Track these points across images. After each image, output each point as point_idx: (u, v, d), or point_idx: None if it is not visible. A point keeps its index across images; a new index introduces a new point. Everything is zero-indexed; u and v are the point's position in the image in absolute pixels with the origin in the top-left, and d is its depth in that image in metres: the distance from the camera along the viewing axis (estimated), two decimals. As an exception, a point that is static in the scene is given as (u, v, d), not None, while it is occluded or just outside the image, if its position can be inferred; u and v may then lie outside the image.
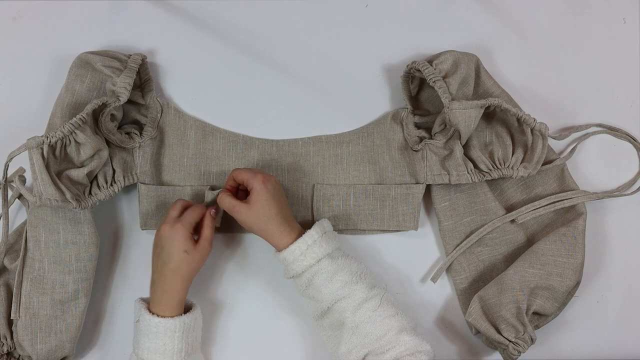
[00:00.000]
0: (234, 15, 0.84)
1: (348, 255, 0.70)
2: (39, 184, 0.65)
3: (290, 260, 0.68)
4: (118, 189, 0.73)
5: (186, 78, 0.82)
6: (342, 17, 0.85)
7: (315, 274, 0.68)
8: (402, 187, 0.77)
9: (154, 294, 0.68)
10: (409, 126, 0.79)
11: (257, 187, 0.68)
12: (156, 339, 0.66)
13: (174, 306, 0.67)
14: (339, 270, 0.68)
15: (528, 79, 0.84)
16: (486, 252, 0.78)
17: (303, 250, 0.68)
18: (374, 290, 0.68)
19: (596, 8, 0.87)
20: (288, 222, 0.69)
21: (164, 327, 0.66)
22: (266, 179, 0.69)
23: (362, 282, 0.68)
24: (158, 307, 0.67)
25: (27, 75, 0.81)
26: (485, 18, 0.86)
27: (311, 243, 0.68)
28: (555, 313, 0.76)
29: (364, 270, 0.70)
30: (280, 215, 0.69)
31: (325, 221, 0.72)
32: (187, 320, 0.67)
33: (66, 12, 0.82)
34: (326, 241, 0.69)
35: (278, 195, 0.70)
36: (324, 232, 0.70)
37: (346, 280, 0.67)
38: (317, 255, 0.68)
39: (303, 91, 0.82)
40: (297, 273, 0.69)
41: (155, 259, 0.69)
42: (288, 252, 0.68)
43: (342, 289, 0.67)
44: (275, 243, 0.69)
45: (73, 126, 0.67)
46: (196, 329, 0.70)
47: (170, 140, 0.78)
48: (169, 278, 0.67)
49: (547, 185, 0.80)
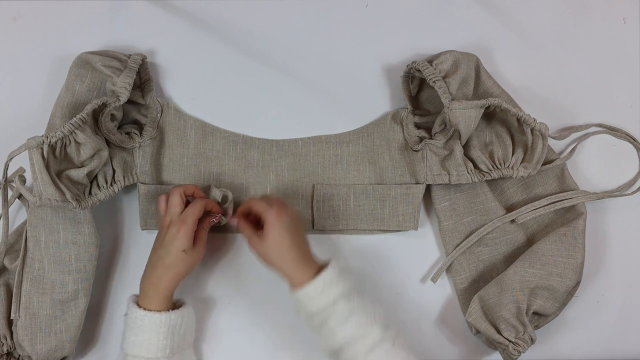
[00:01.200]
0: (234, 15, 0.84)
1: (362, 294, 0.67)
2: (39, 184, 0.65)
3: (305, 301, 0.65)
4: (118, 189, 0.73)
5: (186, 78, 0.82)
6: (342, 17, 0.85)
7: (330, 315, 0.64)
8: (402, 187, 0.77)
9: (142, 286, 0.68)
10: (409, 126, 0.79)
11: (270, 220, 0.66)
12: (141, 332, 0.65)
13: (160, 300, 0.67)
14: (354, 311, 0.64)
15: (528, 79, 0.84)
16: (486, 252, 0.78)
17: (319, 291, 0.64)
18: (388, 332, 0.65)
19: (596, 8, 0.87)
20: (304, 258, 0.67)
21: (149, 321, 0.65)
22: (281, 211, 0.66)
23: (377, 324, 0.65)
24: (145, 300, 0.67)
25: (27, 75, 0.81)
26: (485, 18, 0.86)
27: (329, 282, 0.64)
28: (555, 313, 0.76)
29: (378, 311, 0.67)
30: (294, 251, 0.66)
31: (340, 258, 0.69)
32: (174, 316, 0.67)
33: (66, 12, 0.82)
34: (343, 281, 0.65)
35: (293, 228, 0.67)
36: (340, 271, 0.66)
37: (361, 321, 0.64)
38: (333, 296, 0.64)
39: (303, 91, 0.82)
40: (311, 313, 0.65)
41: (152, 252, 0.69)
42: (304, 292, 0.65)
43: (357, 331, 0.64)
44: (289, 280, 0.66)
45: (73, 126, 0.67)
46: (185, 327, 0.69)
47: (170, 140, 0.78)
48: (161, 272, 0.67)
49: (547, 185, 0.80)
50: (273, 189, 0.79)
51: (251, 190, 0.78)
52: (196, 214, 0.68)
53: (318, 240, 0.79)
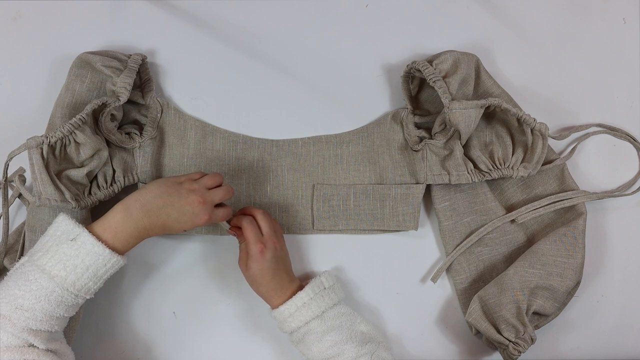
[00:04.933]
0: (234, 15, 0.84)
1: (343, 314, 0.70)
2: (39, 184, 0.65)
3: (280, 320, 0.70)
4: (118, 189, 0.73)
5: (186, 78, 0.82)
6: (342, 17, 0.85)
7: (306, 334, 0.69)
8: (402, 187, 0.77)
9: (112, 216, 0.62)
10: (409, 126, 0.79)
11: (254, 256, 0.68)
12: (78, 258, 0.60)
13: (124, 240, 0.62)
14: (329, 330, 0.69)
15: (528, 79, 0.84)
16: (486, 252, 0.78)
17: (292, 312, 0.69)
18: (365, 347, 0.68)
19: (596, 8, 0.87)
20: (282, 286, 0.70)
21: (97, 252, 0.60)
22: (264, 250, 0.68)
23: (353, 341, 0.68)
24: (104, 230, 0.61)
25: (27, 75, 0.81)
26: (485, 18, 0.86)
27: (300, 305, 0.69)
28: (555, 313, 0.76)
29: (358, 327, 0.71)
30: (274, 282, 0.69)
31: (324, 276, 0.72)
32: (116, 260, 0.61)
33: (66, 12, 0.82)
34: (317, 302, 0.69)
35: (275, 262, 0.69)
36: (319, 291, 0.70)
37: (336, 339, 0.68)
38: (306, 317, 0.69)
39: (303, 91, 0.82)
40: (288, 331, 0.71)
41: (161, 195, 0.64)
42: (277, 312, 0.70)
43: (332, 349, 0.68)
44: (267, 302, 0.71)
45: (73, 126, 0.67)
46: (102, 277, 0.63)
47: (171, 140, 0.78)
48: (146, 218, 0.62)
49: (547, 185, 0.80)
50: (273, 188, 0.79)
51: (251, 190, 0.78)
52: (218, 200, 0.67)
53: (318, 240, 0.79)
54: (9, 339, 0.58)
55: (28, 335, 0.58)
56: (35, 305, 0.58)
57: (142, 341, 0.76)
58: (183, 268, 0.77)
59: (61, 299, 0.60)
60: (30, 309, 0.58)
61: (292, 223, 0.79)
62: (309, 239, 0.79)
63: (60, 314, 0.60)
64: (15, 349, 0.58)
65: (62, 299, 0.60)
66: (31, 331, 0.58)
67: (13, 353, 0.57)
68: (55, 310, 0.60)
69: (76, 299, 0.61)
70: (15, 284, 0.59)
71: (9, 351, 0.57)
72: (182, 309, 0.76)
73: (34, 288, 0.59)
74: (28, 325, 0.58)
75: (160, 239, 0.77)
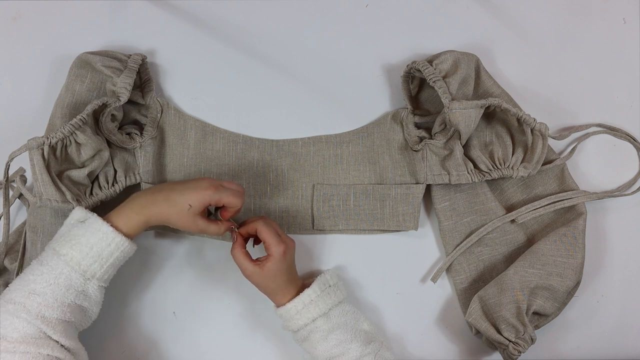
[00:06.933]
0: (234, 15, 0.84)
1: (347, 312, 0.71)
2: (39, 185, 0.65)
3: (286, 318, 0.70)
4: (119, 189, 0.73)
5: (186, 78, 0.82)
6: (342, 17, 0.85)
7: (311, 332, 0.69)
8: (402, 187, 0.77)
9: (123, 203, 0.66)
10: (409, 126, 0.80)
11: (276, 256, 0.68)
12: (84, 236, 0.62)
13: (134, 225, 0.64)
14: (334, 328, 0.69)
15: (528, 79, 0.84)
16: (486, 252, 0.78)
17: (299, 309, 0.69)
18: (369, 347, 0.68)
19: (596, 8, 0.87)
20: (290, 283, 0.70)
21: (101, 230, 0.62)
22: (287, 250, 0.68)
23: (357, 340, 0.68)
24: (118, 217, 0.64)
25: (27, 75, 0.81)
26: (485, 18, 0.86)
27: (307, 302, 0.69)
28: (555, 313, 0.76)
29: (362, 326, 0.71)
30: (287, 281, 0.70)
31: (329, 274, 0.72)
32: (120, 240, 0.63)
33: (66, 12, 0.82)
34: (324, 299, 0.69)
35: (290, 261, 0.70)
36: (325, 289, 0.70)
37: (341, 338, 0.68)
38: (313, 314, 0.69)
39: (303, 91, 0.82)
40: (293, 329, 0.70)
41: (171, 183, 0.68)
42: (284, 310, 0.69)
43: (337, 347, 0.68)
44: (274, 300, 0.71)
45: (73, 127, 0.67)
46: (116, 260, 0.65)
47: (171, 140, 0.78)
48: (149, 193, 0.66)
49: (547, 185, 0.80)
50: (273, 188, 0.79)
51: (251, 190, 0.78)
52: (229, 195, 0.66)
53: (318, 240, 0.79)
54: (25, 327, 0.59)
55: (41, 323, 0.59)
56: (46, 289, 0.60)
57: (142, 341, 0.76)
58: (183, 268, 0.77)
59: (70, 282, 0.61)
60: (42, 293, 0.60)
61: (292, 223, 0.79)
62: (309, 239, 0.79)
63: (70, 299, 0.61)
64: (30, 341, 0.58)
65: (70, 282, 0.61)
66: (44, 319, 0.59)
67: (28, 346, 0.58)
68: (65, 295, 0.61)
69: (85, 284, 0.63)
70: (30, 269, 0.62)
71: (25, 343, 0.58)
72: (182, 309, 0.77)
73: (45, 271, 0.61)
74: (41, 312, 0.59)
75: (161, 239, 0.77)
